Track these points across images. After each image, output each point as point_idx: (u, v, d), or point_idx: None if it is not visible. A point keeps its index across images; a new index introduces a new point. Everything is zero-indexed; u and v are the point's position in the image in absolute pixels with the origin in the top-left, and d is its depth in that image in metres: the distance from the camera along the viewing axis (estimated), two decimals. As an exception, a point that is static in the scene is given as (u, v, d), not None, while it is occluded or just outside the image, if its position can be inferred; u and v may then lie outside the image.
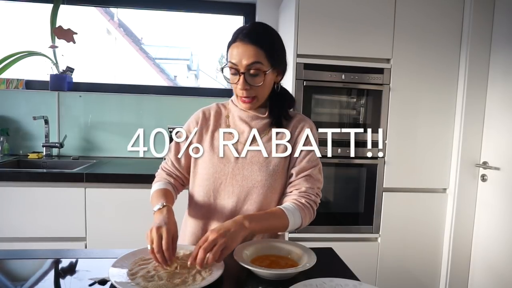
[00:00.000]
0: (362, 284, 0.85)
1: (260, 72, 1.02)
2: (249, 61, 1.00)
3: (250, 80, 1.03)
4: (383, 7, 2.08)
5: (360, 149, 2.15)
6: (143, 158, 2.51)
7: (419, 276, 2.27)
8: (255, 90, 1.04)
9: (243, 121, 1.12)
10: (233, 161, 1.09)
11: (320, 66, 2.06)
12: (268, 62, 1.03)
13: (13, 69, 2.36)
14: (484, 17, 2.11)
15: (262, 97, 1.08)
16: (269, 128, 1.12)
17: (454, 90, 2.19)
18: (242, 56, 1.01)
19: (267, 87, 1.07)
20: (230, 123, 1.14)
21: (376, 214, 2.19)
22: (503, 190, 2.03)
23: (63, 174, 1.91)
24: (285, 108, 1.13)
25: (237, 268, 0.90)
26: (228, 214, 1.08)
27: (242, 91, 1.04)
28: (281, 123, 1.11)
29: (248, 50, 1.00)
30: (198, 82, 3.62)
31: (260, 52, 1.01)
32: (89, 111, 2.50)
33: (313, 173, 1.10)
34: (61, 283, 0.86)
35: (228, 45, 1.06)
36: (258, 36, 1.02)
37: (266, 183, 1.08)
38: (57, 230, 1.90)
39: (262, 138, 1.10)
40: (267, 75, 1.03)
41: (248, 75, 1.02)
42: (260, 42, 1.01)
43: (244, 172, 1.08)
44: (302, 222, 1.05)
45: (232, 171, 1.08)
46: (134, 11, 2.73)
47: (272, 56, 1.03)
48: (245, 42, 1.01)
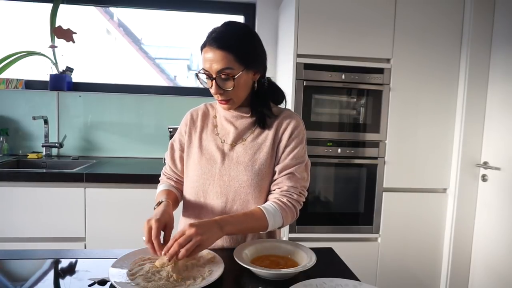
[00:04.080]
0: (362, 284, 0.84)
1: (230, 77, 1.01)
2: (219, 67, 1.00)
3: (222, 85, 1.02)
4: (383, 7, 2.08)
5: (360, 149, 2.16)
6: (143, 158, 2.51)
7: (419, 276, 2.27)
8: (228, 93, 1.04)
9: (228, 121, 1.13)
10: (220, 162, 1.09)
11: (320, 66, 2.06)
12: (240, 65, 1.01)
13: (12, 69, 2.36)
14: (484, 17, 2.11)
15: (238, 99, 1.07)
16: (253, 127, 1.12)
17: (455, 90, 2.19)
18: (212, 62, 1.00)
19: (242, 88, 1.05)
20: (217, 123, 1.15)
21: (376, 214, 2.19)
22: (504, 190, 2.03)
23: (63, 174, 1.91)
24: (267, 106, 1.12)
25: (237, 268, 0.90)
26: (219, 214, 1.08)
27: (217, 95, 1.05)
28: (265, 121, 1.11)
29: (217, 56, 0.99)
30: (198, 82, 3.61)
31: (229, 57, 0.99)
32: (88, 111, 2.50)
33: (297, 171, 1.08)
34: (61, 283, 0.86)
35: (201, 48, 1.05)
36: (225, 40, 1.00)
37: (253, 182, 1.07)
38: (57, 230, 1.90)
39: (247, 137, 1.11)
40: (239, 78, 1.02)
41: (220, 79, 1.02)
42: (228, 46, 0.99)
43: (230, 173, 1.08)
44: (283, 222, 1.04)
45: (219, 172, 1.09)
46: (134, 11, 2.73)
47: (242, 58, 1.01)
48: (213, 47, 1.00)
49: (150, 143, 2.56)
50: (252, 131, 1.12)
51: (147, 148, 2.55)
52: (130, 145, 2.54)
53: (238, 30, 1.05)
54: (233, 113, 1.13)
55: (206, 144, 1.13)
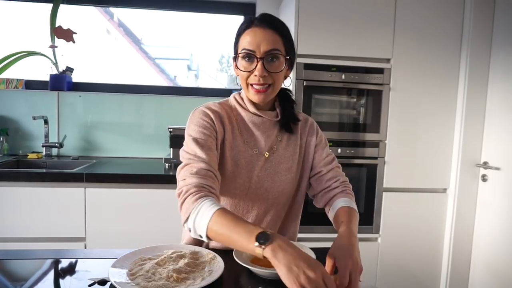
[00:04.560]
0: (362, 284, 0.84)
1: (279, 58, 0.96)
2: (268, 47, 0.94)
3: (268, 66, 0.95)
4: (383, 7, 2.08)
5: (360, 149, 2.16)
6: (143, 158, 2.51)
7: (419, 276, 2.27)
8: (272, 77, 0.96)
9: (257, 127, 1.05)
10: (255, 174, 1.04)
11: (320, 66, 2.06)
12: (285, 50, 0.97)
13: (12, 69, 2.35)
14: (484, 17, 2.11)
15: (277, 87, 1.00)
16: (280, 133, 1.08)
17: (455, 90, 2.19)
18: (261, 41, 0.93)
19: (281, 78, 1.00)
20: (242, 129, 1.05)
21: (376, 214, 2.19)
22: (504, 190, 2.03)
23: (63, 174, 1.91)
24: (293, 109, 1.09)
25: (237, 268, 0.90)
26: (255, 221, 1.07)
27: (259, 77, 0.95)
28: (291, 127, 1.08)
29: (267, 35, 0.94)
30: (198, 82, 3.62)
31: (278, 38, 0.95)
32: (88, 111, 2.49)
33: (338, 164, 1.11)
34: (61, 283, 0.86)
35: (240, 32, 0.99)
36: (275, 23, 0.97)
37: (286, 192, 1.07)
38: (57, 230, 1.89)
39: (278, 146, 1.07)
40: (284, 63, 0.97)
41: (267, 61, 0.95)
42: (278, 28, 0.96)
43: (265, 185, 1.04)
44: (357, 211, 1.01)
45: (255, 185, 1.04)
46: (134, 11, 2.73)
47: (288, 45, 0.98)
48: (263, 27, 0.94)
49: (150, 143, 2.56)
50: (280, 139, 1.07)
51: (147, 148, 2.55)
52: (130, 145, 2.54)
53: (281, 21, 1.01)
54: (262, 118, 1.04)
55: (237, 154, 1.03)
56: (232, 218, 0.78)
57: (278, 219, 1.10)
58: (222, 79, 3.48)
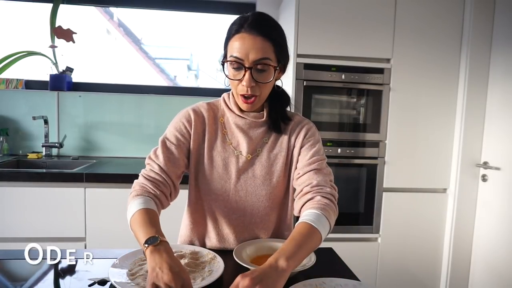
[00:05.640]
0: (362, 284, 0.84)
1: (269, 68, 0.91)
2: (258, 56, 0.89)
3: (256, 77, 0.91)
4: (383, 7, 2.08)
5: (360, 149, 2.16)
6: (143, 158, 2.51)
7: (419, 276, 2.27)
8: (259, 88, 0.93)
9: (240, 129, 1.02)
10: (235, 177, 1.02)
11: (320, 66, 2.06)
12: (276, 57, 0.92)
13: (12, 69, 2.35)
14: (484, 17, 2.11)
15: (264, 96, 0.97)
16: (267, 135, 1.04)
17: (455, 90, 2.19)
18: (249, 50, 0.88)
19: (271, 85, 0.97)
20: (226, 131, 1.04)
21: (376, 214, 2.19)
22: (504, 190, 2.03)
23: (63, 174, 1.91)
24: (283, 109, 1.05)
25: (237, 268, 0.90)
26: (235, 228, 1.05)
27: (247, 88, 0.91)
28: (279, 127, 1.03)
29: (257, 43, 0.88)
30: (198, 82, 3.62)
31: (269, 45, 0.90)
32: (88, 111, 2.49)
33: (321, 166, 0.98)
34: (61, 283, 0.86)
35: (229, 36, 0.93)
36: (266, 28, 0.90)
37: (271, 195, 1.04)
38: (57, 230, 1.89)
39: (263, 148, 1.03)
40: (273, 72, 0.93)
41: (255, 70, 0.90)
42: (268, 35, 0.89)
43: (247, 188, 1.02)
44: (330, 223, 0.90)
45: (235, 188, 1.02)
46: (134, 11, 2.73)
47: (279, 52, 0.93)
48: (252, 33, 0.89)
49: (150, 143, 2.53)
50: (266, 140, 1.04)
51: (147, 148, 2.52)
52: (130, 145, 2.54)
53: (275, 22, 0.95)
54: (246, 120, 1.01)
55: (217, 155, 1.01)
56: (144, 219, 0.85)
57: (267, 218, 1.07)
58: (222, 79, 3.48)
